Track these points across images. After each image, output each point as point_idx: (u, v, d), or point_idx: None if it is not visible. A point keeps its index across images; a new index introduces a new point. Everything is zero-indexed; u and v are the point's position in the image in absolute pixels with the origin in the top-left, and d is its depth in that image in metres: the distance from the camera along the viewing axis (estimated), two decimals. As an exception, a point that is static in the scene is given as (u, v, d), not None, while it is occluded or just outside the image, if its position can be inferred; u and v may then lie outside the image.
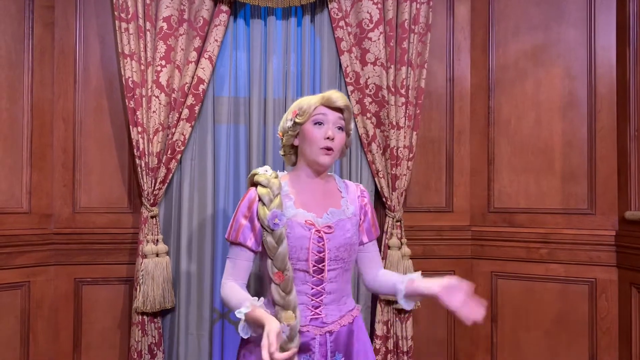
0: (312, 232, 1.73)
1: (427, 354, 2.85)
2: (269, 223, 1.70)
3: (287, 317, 1.64)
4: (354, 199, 1.87)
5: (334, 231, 1.75)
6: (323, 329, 1.75)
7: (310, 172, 1.81)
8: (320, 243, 1.73)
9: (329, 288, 1.76)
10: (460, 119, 2.89)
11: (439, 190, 2.88)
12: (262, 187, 1.76)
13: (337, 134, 1.75)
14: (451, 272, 2.86)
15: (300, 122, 1.76)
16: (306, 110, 1.76)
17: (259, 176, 1.78)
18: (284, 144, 1.85)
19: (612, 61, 2.64)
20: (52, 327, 2.66)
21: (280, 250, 1.69)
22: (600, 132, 2.66)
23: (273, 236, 1.70)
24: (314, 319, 1.75)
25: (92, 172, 2.71)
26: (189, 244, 2.64)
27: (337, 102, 1.75)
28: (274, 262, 1.69)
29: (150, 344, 2.56)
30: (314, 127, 1.75)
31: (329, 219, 1.77)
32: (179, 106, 2.57)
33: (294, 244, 1.71)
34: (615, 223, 2.62)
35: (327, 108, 1.76)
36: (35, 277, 2.60)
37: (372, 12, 2.63)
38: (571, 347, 2.68)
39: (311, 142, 1.75)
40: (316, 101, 1.77)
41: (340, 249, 1.76)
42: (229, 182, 2.74)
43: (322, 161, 1.75)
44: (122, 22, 2.52)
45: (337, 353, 1.76)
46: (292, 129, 1.79)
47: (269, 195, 1.73)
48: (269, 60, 2.69)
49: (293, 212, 1.75)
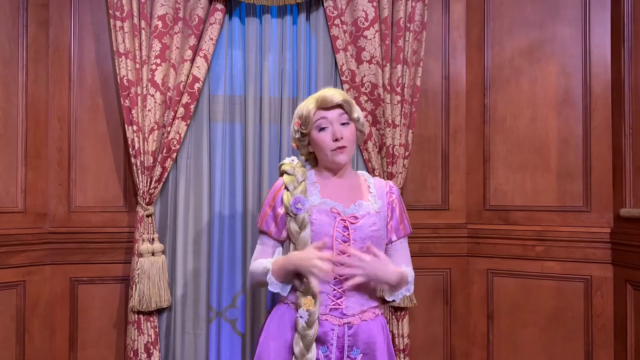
0: (337, 221, 1.74)
1: (423, 351, 2.85)
2: (292, 207, 1.74)
3: (306, 303, 1.66)
4: (382, 195, 1.87)
5: (360, 222, 1.76)
6: (342, 320, 1.74)
7: (330, 171, 1.85)
8: (346, 232, 1.74)
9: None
10: (456, 116, 2.89)
11: (435, 188, 2.89)
12: (287, 175, 1.82)
13: (344, 130, 1.77)
14: (447, 269, 2.87)
15: (305, 132, 1.80)
16: (307, 118, 1.78)
17: (285, 165, 1.86)
18: (300, 152, 1.92)
19: (607, 59, 2.65)
20: (48, 326, 2.66)
21: (303, 235, 1.71)
22: (596, 129, 2.67)
23: (296, 221, 1.73)
24: (334, 309, 1.73)
25: (88, 171, 2.70)
26: (185, 243, 2.63)
27: (332, 100, 1.76)
28: (297, 247, 1.72)
29: (147, 343, 2.55)
30: (320, 133, 1.77)
31: (355, 210, 1.78)
32: (174, 105, 2.57)
33: (319, 230, 1.73)
34: (610, 220, 2.63)
35: (325, 110, 1.77)
36: (31, 276, 2.59)
37: (367, 10, 2.63)
38: (567, 343, 2.69)
39: (322, 147, 1.78)
40: (313, 107, 1.78)
41: (365, 240, 1.74)
42: (225, 180, 2.73)
43: (339, 160, 1.78)
44: (117, 21, 2.51)
45: (355, 348, 1.74)
46: (302, 140, 1.84)
47: (294, 183, 1.79)
48: (265, 58, 2.69)
49: (319, 200, 1.78)
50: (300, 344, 1.68)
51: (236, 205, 2.74)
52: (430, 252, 2.84)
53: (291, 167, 1.83)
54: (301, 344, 1.68)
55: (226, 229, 2.73)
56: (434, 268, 2.85)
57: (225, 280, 2.74)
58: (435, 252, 2.85)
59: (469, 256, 2.88)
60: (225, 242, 2.73)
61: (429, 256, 2.83)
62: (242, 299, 2.71)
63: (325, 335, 1.72)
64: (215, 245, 2.71)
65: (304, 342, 1.67)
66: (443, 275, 2.88)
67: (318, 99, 1.77)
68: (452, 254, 2.87)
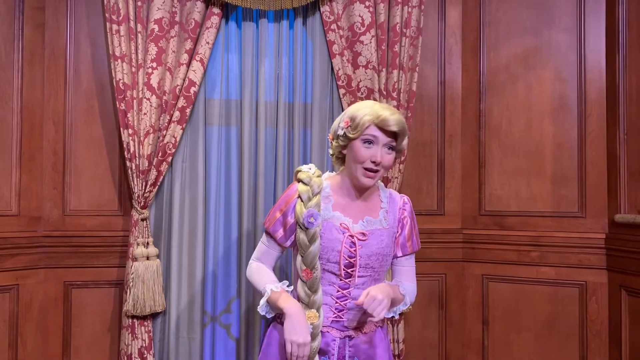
0: (346, 237, 1.74)
1: (418, 356, 2.85)
2: (304, 221, 1.71)
3: (310, 316, 1.69)
4: (395, 210, 1.85)
5: (367, 239, 1.76)
6: (343, 332, 1.77)
7: (352, 185, 1.80)
8: (353, 248, 1.74)
9: (355, 294, 1.75)
10: (452, 122, 2.90)
11: (431, 193, 2.89)
12: (303, 184, 1.77)
13: (385, 155, 1.72)
14: (442, 275, 2.88)
15: (351, 137, 1.72)
16: (358, 125, 1.70)
17: (302, 173, 1.80)
18: (332, 149, 1.84)
19: (601, 65, 2.66)
20: (41, 330, 2.64)
21: (312, 249, 1.71)
22: (590, 135, 2.68)
23: (307, 234, 1.71)
24: (335, 321, 1.77)
25: (82, 175, 2.69)
26: (180, 247, 2.62)
27: (390, 127, 1.69)
28: (304, 260, 1.72)
29: (141, 348, 2.54)
30: (363, 145, 1.71)
31: (363, 226, 1.77)
32: (170, 108, 2.56)
33: (327, 245, 1.73)
34: (605, 226, 2.64)
35: (380, 130, 1.70)
36: (25, 280, 2.58)
37: (363, 15, 2.64)
38: (561, 349, 2.69)
39: (357, 159, 1.72)
40: (370, 119, 1.69)
41: (372, 257, 1.76)
42: (220, 184, 2.73)
43: (364, 182, 1.74)
44: (113, 24, 2.51)
45: (356, 358, 1.78)
46: (343, 140, 1.76)
47: (308, 194, 1.75)
48: (261, 62, 2.69)
49: (330, 214, 1.76)
50: None
51: (231, 209, 2.73)
52: (425, 257, 2.82)
53: (308, 176, 1.78)
54: None
55: (221, 233, 2.73)
56: (429, 273, 2.85)
57: (220, 285, 2.73)
58: (431, 257, 2.84)
59: (464, 261, 2.88)
60: (220, 246, 2.73)
61: (424, 261, 2.82)
62: (237, 304, 2.70)
63: (327, 346, 1.76)
64: (210, 250, 2.70)
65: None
66: (438, 280, 2.88)
67: (378, 117, 1.69)
68: (448, 259, 2.88)
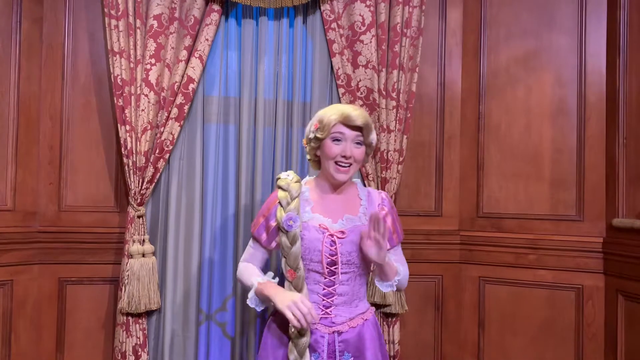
0: (325, 236, 1.85)
1: (414, 358, 2.84)
2: (284, 224, 1.84)
3: None
4: (374, 207, 1.96)
5: (347, 236, 1.86)
6: (332, 328, 1.86)
7: (329, 183, 1.93)
8: (333, 247, 1.85)
9: (340, 290, 1.87)
10: (451, 123, 2.89)
11: (429, 195, 2.89)
12: (282, 190, 1.90)
13: (355, 150, 1.85)
14: (439, 276, 2.87)
15: (321, 138, 1.86)
16: (326, 125, 1.84)
17: (281, 180, 1.94)
18: (308, 153, 1.97)
19: (602, 69, 2.66)
20: (35, 326, 2.62)
21: (293, 250, 1.82)
22: (590, 139, 2.67)
23: (287, 236, 1.84)
24: (323, 318, 1.86)
25: (79, 170, 2.67)
26: (176, 245, 2.61)
27: (355, 121, 1.82)
28: (287, 261, 1.84)
29: (135, 345, 2.53)
30: (333, 143, 1.85)
31: (343, 225, 1.88)
32: (168, 105, 2.55)
33: (308, 245, 1.84)
34: (602, 230, 2.64)
35: (345, 126, 1.83)
36: (19, 275, 2.56)
37: (364, 14, 2.63)
38: (557, 352, 2.69)
39: (328, 156, 1.86)
40: (335, 118, 1.83)
41: (352, 253, 1.85)
42: (218, 182, 2.71)
43: (338, 178, 1.87)
44: (112, 19, 2.49)
45: (346, 353, 1.86)
46: (315, 142, 1.89)
47: (287, 199, 1.87)
48: (260, 60, 2.68)
49: (309, 216, 1.88)
50: (295, 352, 1.80)
51: (228, 208, 2.72)
52: (422, 259, 2.83)
53: (286, 182, 1.91)
54: (295, 352, 1.80)
55: (218, 232, 2.71)
56: (425, 274, 2.84)
57: (215, 283, 2.71)
58: (428, 258, 2.84)
59: (461, 263, 2.87)
60: (216, 244, 2.71)
61: (421, 262, 2.82)
62: (233, 303, 2.69)
63: (316, 342, 1.84)
64: (206, 248, 2.69)
65: (297, 349, 1.79)
66: (435, 281, 2.87)
67: (342, 114, 1.83)
68: (445, 261, 2.87)
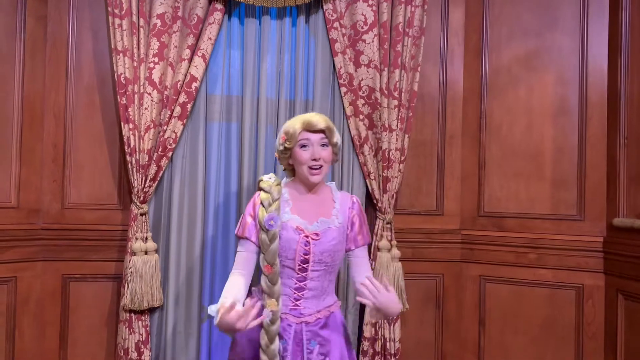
0: (301, 237, 1.99)
1: (414, 356, 2.85)
2: (266, 224, 1.96)
3: (271, 304, 1.93)
4: (345, 210, 2.10)
5: (320, 238, 2.01)
6: (300, 319, 2.02)
7: (305, 185, 2.06)
8: (307, 247, 1.99)
9: (311, 285, 2.02)
10: (452, 122, 2.90)
11: (430, 193, 2.89)
12: (264, 192, 2.02)
13: (322, 152, 2.00)
14: (440, 275, 2.88)
15: (289, 147, 2.01)
16: (292, 135, 2.00)
17: (263, 183, 2.05)
18: (281, 163, 2.11)
19: (603, 69, 2.66)
20: (39, 323, 2.64)
21: (272, 247, 1.95)
22: (591, 139, 2.68)
23: (267, 235, 1.96)
24: (293, 309, 2.02)
25: (82, 168, 2.69)
26: (179, 242, 2.62)
27: (317, 126, 1.99)
28: (265, 257, 1.96)
29: (137, 342, 2.54)
30: (301, 149, 2.00)
31: (317, 227, 2.02)
32: (171, 103, 2.56)
33: (285, 244, 1.98)
34: (603, 230, 2.64)
35: (309, 132, 1.99)
36: (22, 272, 2.58)
37: (366, 14, 2.63)
38: (557, 351, 2.70)
39: (300, 162, 2.01)
40: (299, 127, 2.00)
41: (324, 254, 2.01)
42: (220, 180, 2.73)
43: (313, 180, 2.01)
44: (116, 18, 2.50)
45: (312, 341, 2.01)
46: (284, 153, 2.05)
47: (269, 200, 1.99)
48: (263, 59, 2.69)
49: (288, 217, 2.02)
50: (265, 338, 1.93)
51: (231, 206, 2.73)
52: (423, 257, 2.84)
53: (268, 185, 2.03)
54: (266, 338, 1.93)
55: (220, 229, 2.73)
56: (426, 273, 2.85)
57: (218, 280, 2.73)
58: (429, 257, 2.85)
59: (462, 262, 2.88)
60: (218, 242, 2.73)
61: (422, 261, 2.84)
62: (235, 300, 2.70)
63: (283, 330, 2.00)
64: (208, 245, 2.70)
65: (268, 336, 1.93)
66: (436, 280, 2.88)
67: (304, 122, 2.00)
68: (446, 260, 2.88)
